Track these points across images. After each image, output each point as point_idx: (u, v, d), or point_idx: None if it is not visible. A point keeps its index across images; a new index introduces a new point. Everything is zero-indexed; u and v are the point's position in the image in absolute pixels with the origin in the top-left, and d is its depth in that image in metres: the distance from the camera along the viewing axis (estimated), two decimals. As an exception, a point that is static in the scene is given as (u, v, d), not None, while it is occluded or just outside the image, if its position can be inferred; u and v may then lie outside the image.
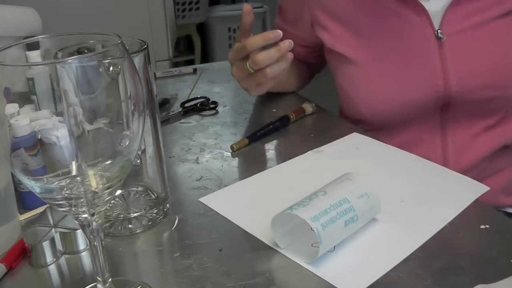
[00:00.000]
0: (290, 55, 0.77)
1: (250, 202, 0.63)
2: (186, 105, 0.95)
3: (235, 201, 0.64)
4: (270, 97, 0.99)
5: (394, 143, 0.79)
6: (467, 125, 0.83)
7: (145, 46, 0.53)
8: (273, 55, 0.75)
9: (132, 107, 0.39)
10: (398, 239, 0.55)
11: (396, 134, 0.85)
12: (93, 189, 0.40)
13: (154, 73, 1.11)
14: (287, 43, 0.75)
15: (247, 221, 0.59)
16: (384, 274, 0.50)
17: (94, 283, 0.48)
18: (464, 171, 0.68)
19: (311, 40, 0.93)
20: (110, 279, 0.46)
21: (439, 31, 0.78)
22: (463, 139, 0.84)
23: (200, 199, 0.64)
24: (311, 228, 0.49)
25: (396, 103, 0.82)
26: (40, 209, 0.61)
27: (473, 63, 0.79)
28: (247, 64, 0.77)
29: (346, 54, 0.85)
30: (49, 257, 0.53)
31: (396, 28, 0.81)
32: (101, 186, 0.40)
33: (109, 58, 0.38)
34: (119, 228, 0.58)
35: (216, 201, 0.63)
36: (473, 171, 0.82)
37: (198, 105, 0.95)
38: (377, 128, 0.87)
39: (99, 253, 0.44)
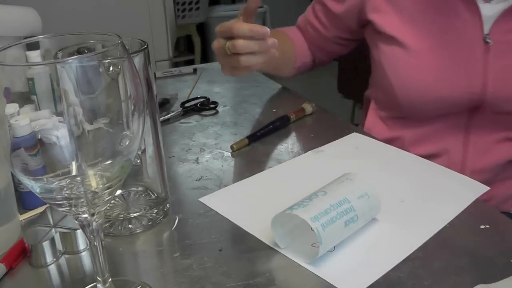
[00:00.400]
0: (274, 52, 0.79)
1: (250, 202, 0.63)
2: (186, 105, 0.95)
3: (235, 201, 0.64)
4: (270, 97, 0.99)
5: (418, 133, 0.81)
6: (489, 131, 0.83)
7: (145, 46, 0.53)
8: (252, 46, 0.76)
9: (132, 107, 0.39)
10: (398, 239, 0.55)
11: (421, 125, 0.86)
12: (93, 189, 0.40)
13: (154, 73, 1.11)
14: (271, 41, 0.77)
15: (247, 221, 0.59)
16: (384, 274, 0.50)
17: (94, 283, 0.48)
18: (480, 171, 0.68)
19: (347, 23, 0.94)
20: (110, 279, 0.46)
21: (487, 35, 0.78)
22: (484, 142, 0.84)
23: (200, 199, 0.64)
24: (311, 228, 0.49)
25: (432, 96, 0.82)
26: (40, 209, 0.61)
27: None
28: (226, 45, 0.78)
29: (397, 36, 0.84)
30: (49, 257, 0.53)
31: (448, 22, 0.81)
32: (101, 186, 0.40)
33: (109, 58, 0.38)
34: (119, 228, 0.58)
35: (216, 201, 0.63)
36: (488, 173, 0.83)
37: (198, 105, 0.95)
38: (405, 116, 0.88)
39: (99, 253, 0.44)
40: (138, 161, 0.59)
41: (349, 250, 0.53)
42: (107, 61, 0.37)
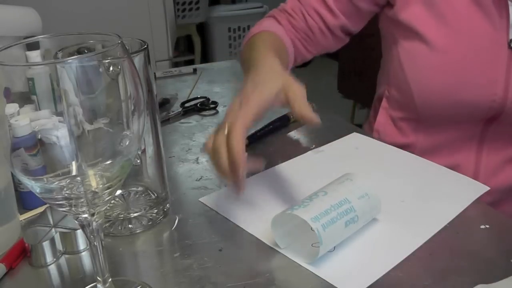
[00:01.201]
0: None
1: (250, 202, 0.63)
2: (186, 105, 0.95)
3: (235, 201, 0.64)
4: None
5: (430, 141, 0.76)
6: (503, 146, 0.80)
7: (145, 46, 0.53)
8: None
9: (132, 107, 0.39)
10: (398, 239, 0.55)
11: (434, 132, 0.82)
12: (93, 189, 0.40)
13: (154, 73, 1.11)
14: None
15: (247, 221, 0.59)
16: (384, 274, 0.50)
17: (94, 283, 0.48)
18: (490, 192, 0.66)
19: (360, 5, 0.86)
20: (110, 279, 0.46)
21: None
22: (496, 160, 0.81)
23: (200, 199, 0.64)
24: (312, 228, 0.49)
25: (451, 99, 0.78)
26: (40, 209, 0.61)
27: None
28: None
29: (418, 29, 0.79)
30: (49, 257, 0.53)
31: (477, 23, 0.76)
32: (101, 186, 0.40)
33: (109, 58, 0.38)
34: (119, 228, 0.58)
35: (216, 201, 0.63)
36: (499, 193, 0.80)
37: (198, 105, 0.95)
38: (419, 118, 0.83)
39: (99, 253, 0.44)
40: (138, 161, 0.59)
41: (349, 250, 0.53)
42: (107, 61, 0.37)
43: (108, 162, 0.39)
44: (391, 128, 0.88)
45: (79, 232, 0.54)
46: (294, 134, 0.84)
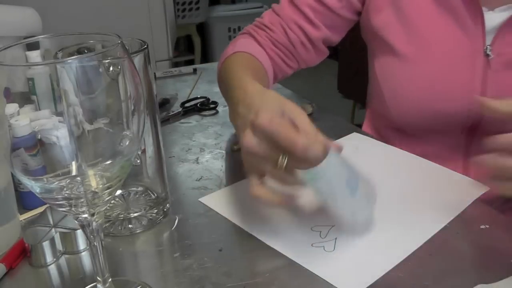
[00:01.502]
0: None
1: (250, 202, 0.63)
2: (186, 105, 0.95)
3: (235, 201, 0.64)
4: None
5: (415, 152, 0.73)
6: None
7: (145, 46, 0.53)
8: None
9: (132, 107, 0.39)
10: (398, 239, 0.55)
11: (418, 143, 0.80)
12: (93, 189, 0.40)
13: (154, 73, 1.11)
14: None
15: (247, 221, 0.59)
16: (384, 274, 0.50)
17: (94, 283, 0.48)
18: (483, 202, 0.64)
19: (339, 19, 0.84)
20: (110, 279, 0.46)
21: (488, 47, 0.72)
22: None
23: (200, 199, 0.64)
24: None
25: (425, 109, 0.77)
26: (40, 209, 0.61)
27: None
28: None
29: (391, 42, 0.79)
30: (49, 257, 0.53)
31: (450, 31, 0.75)
32: (101, 186, 0.40)
33: (109, 58, 0.38)
34: (119, 228, 0.58)
35: (216, 201, 0.63)
36: (492, 204, 0.78)
37: (198, 105, 0.95)
38: (401, 130, 0.82)
39: (99, 253, 0.44)
40: (138, 161, 0.59)
41: (349, 250, 0.53)
42: (107, 61, 0.37)
43: (108, 162, 0.39)
44: (376, 137, 0.85)
45: (79, 232, 0.54)
46: (294, 134, 0.84)
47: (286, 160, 0.48)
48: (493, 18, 0.72)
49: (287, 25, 0.83)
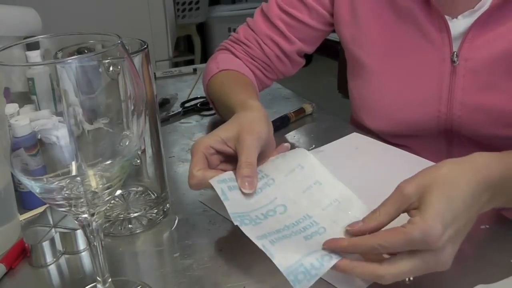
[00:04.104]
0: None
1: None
2: (186, 105, 0.95)
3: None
4: (270, 97, 0.99)
5: None
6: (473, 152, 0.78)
7: (145, 46, 0.53)
8: None
9: (132, 107, 0.39)
10: None
11: (401, 147, 0.79)
12: (93, 189, 0.40)
13: (154, 73, 1.11)
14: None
15: None
16: None
17: (94, 283, 0.48)
18: None
19: (311, 33, 0.86)
20: (110, 279, 0.46)
21: (455, 53, 0.72)
22: None
23: (200, 200, 0.64)
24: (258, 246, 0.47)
25: (394, 118, 0.78)
26: (40, 209, 0.61)
27: (483, 97, 0.72)
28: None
29: (358, 56, 0.81)
30: (49, 257, 0.53)
31: (413, 41, 0.75)
32: (101, 186, 0.40)
33: (109, 58, 0.38)
34: (119, 228, 0.58)
35: (216, 201, 0.63)
36: None
37: (198, 105, 0.95)
38: (382, 138, 0.82)
39: (99, 253, 0.44)
40: (138, 161, 0.59)
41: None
42: (107, 61, 0.38)
43: (108, 162, 0.39)
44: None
45: (79, 232, 0.54)
46: (294, 134, 0.84)
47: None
48: (458, 24, 0.72)
49: (262, 40, 0.86)
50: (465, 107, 0.73)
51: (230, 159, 0.57)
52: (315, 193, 0.54)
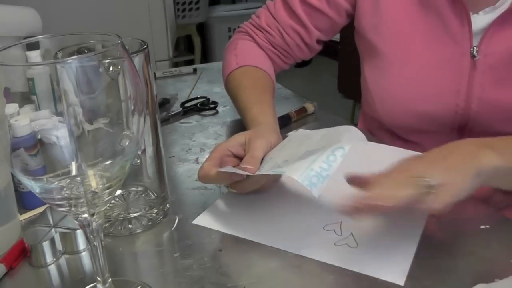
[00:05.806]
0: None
1: (247, 211, 0.61)
2: (186, 105, 0.95)
3: (230, 214, 0.61)
4: (270, 97, 0.99)
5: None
6: None
7: (145, 46, 0.53)
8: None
9: (132, 107, 0.39)
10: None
11: (411, 144, 0.81)
12: (93, 189, 0.40)
13: (154, 73, 1.11)
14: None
15: (245, 229, 0.58)
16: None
17: (94, 283, 0.48)
18: (482, 197, 0.63)
19: (330, 23, 0.88)
20: (110, 279, 0.46)
21: (475, 48, 0.72)
22: None
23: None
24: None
25: (411, 110, 0.78)
26: (40, 209, 0.61)
27: (501, 93, 0.72)
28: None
29: (377, 45, 0.81)
30: (49, 257, 0.53)
31: (434, 32, 0.76)
32: (101, 186, 0.40)
33: (109, 58, 0.38)
34: (119, 228, 0.58)
35: (209, 219, 0.60)
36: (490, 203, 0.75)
37: (198, 105, 0.95)
38: (393, 132, 0.83)
39: (99, 253, 0.44)
40: (138, 161, 0.59)
41: (371, 242, 0.54)
42: (107, 61, 0.37)
43: (108, 162, 0.39)
44: (371, 138, 0.85)
45: (79, 232, 0.54)
46: (294, 134, 0.84)
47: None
48: (479, 20, 0.73)
49: (284, 30, 0.89)
50: (483, 103, 0.74)
51: None
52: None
